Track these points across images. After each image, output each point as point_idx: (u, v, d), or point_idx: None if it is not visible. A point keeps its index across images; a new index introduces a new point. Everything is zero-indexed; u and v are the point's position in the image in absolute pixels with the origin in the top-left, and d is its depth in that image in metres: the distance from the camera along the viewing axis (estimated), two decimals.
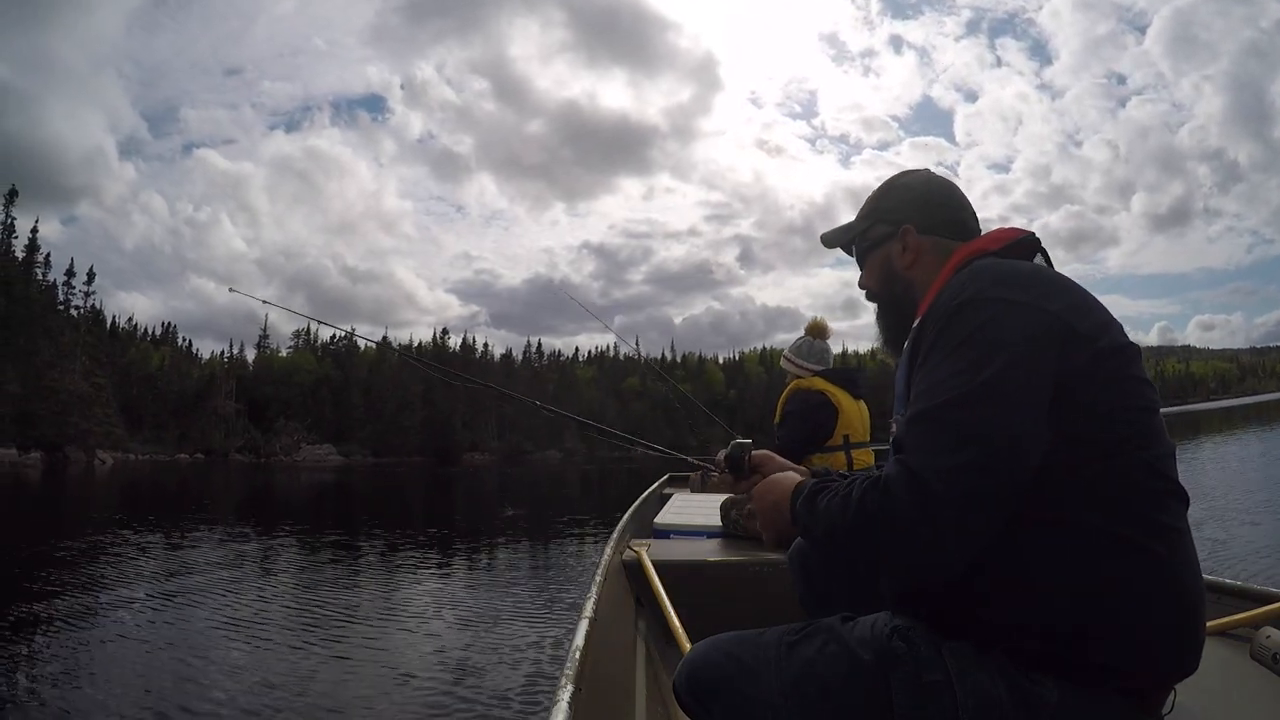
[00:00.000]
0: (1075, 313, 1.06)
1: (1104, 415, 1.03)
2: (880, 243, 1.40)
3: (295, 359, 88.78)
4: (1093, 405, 1.03)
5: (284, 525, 14.77)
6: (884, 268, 1.39)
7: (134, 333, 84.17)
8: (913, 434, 1.03)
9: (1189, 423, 54.72)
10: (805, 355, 3.88)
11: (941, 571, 1.03)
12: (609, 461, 52.70)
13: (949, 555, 1.00)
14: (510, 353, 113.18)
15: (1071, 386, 1.02)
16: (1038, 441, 1.00)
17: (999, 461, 0.97)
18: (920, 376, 1.09)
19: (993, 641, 1.03)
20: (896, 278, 1.37)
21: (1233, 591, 2.23)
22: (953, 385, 1.02)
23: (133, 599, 7.21)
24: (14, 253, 57.93)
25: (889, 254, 1.38)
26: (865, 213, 1.45)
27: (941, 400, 1.02)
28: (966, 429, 0.99)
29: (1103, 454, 1.02)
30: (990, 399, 0.99)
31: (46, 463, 48.23)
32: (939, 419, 1.01)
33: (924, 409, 1.04)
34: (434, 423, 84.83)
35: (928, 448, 1.00)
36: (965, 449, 0.98)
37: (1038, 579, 1.01)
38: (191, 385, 77.27)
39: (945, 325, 1.08)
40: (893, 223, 1.37)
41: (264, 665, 5.09)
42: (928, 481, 0.97)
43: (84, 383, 57.05)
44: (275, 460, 68.60)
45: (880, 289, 1.41)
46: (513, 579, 8.61)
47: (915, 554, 1.01)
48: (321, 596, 7.47)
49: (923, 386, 1.06)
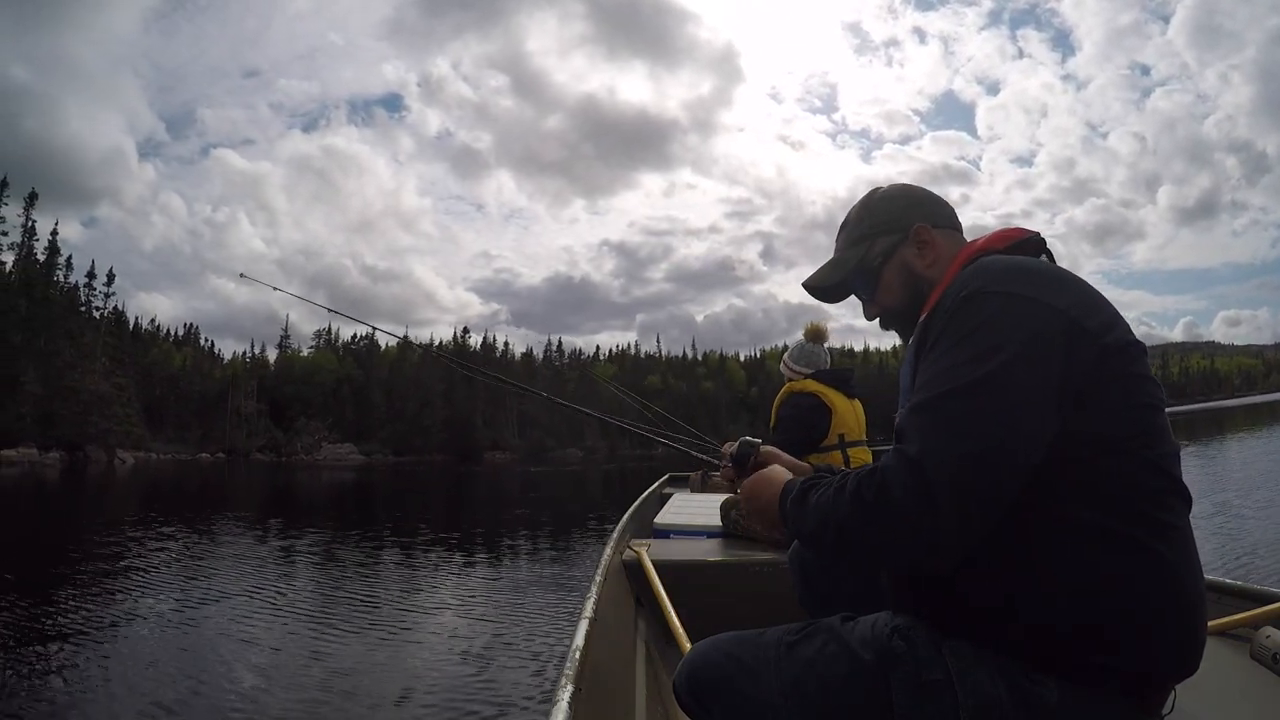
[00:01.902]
0: (1082, 309, 1.04)
1: (1109, 412, 1.02)
2: (891, 253, 1.31)
3: (316, 359, 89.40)
4: (1099, 402, 1.01)
5: (296, 523, 14.80)
6: (905, 275, 1.30)
7: (157, 334, 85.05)
8: (912, 423, 1.02)
9: (1213, 420, 53.60)
10: (798, 359, 3.96)
11: (939, 560, 1.00)
12: (630, 460, 52.25)
13: (947, 543, 0.98)
14: (531, 351, 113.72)
15: (1078, 383, 1.01)
16: (1039, 437, 0.99)
17: (998, 453, 0.97)
18: (923, 368, 1.08)
19: (993, 641, 1.03)
20: (921, 281, 1.28)
21: (1233, 591, 2.23)
22: (955, 376, 1.01)
23: (151, 596, 7.24)
24: (35, 255, 58.75)
25: (905, 260, 1.30)
26: (857, 237, 1.35)
27: (942, 390, 1.01)
28: (967, 419, 0.98)
29: (1107, 451, 1.01)
30: (992, 391, 0.98)
31: (67, 462, 48.52)
32: (939, 408, 1.00)
33: (925, 399, 1.03)
34: (455, 421, 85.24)
35: (927, 436, 0.99)
36: (965, 439, 0.97)
37: (1039, 578, 1.01)
38: (213, 385, 77.98)
39: (950, 318, 1.07)
40: (899, 229, 1.30)
41: (262, 666, 5.05)
42: (926, 469, 0.96)
43: (105, 383, 57.56)
44: (296, 459, 68.84)
45: (907, 302, 1.30)
46: (513, 579, 8.53)
47: (913, 541, 0.99)
48: (321, 593, 7.51)
49: (925, 377, 1.05)
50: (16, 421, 49.79)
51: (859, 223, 1.36)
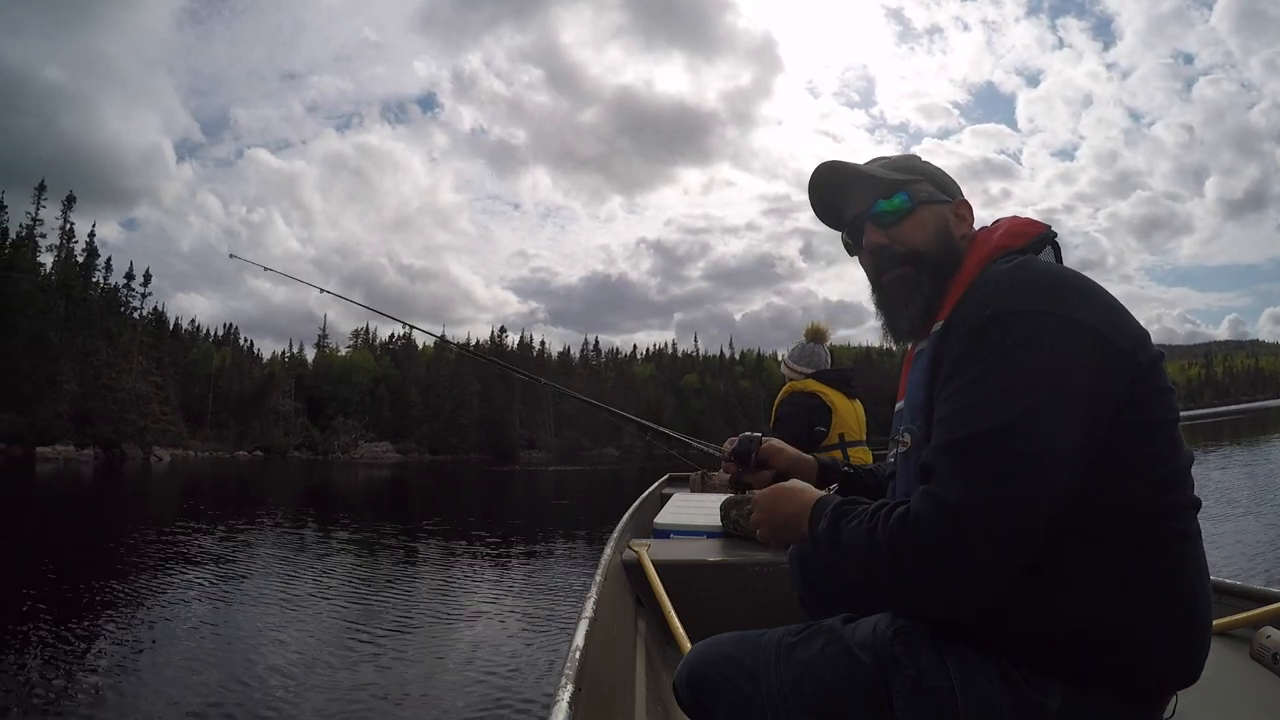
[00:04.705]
0: (1113, 327, 1.01)
1: (1135, 431, 1.00)
2: (933, 201, 1.27)
3: (354, 358, 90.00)
4: (1127, 423, 0.99)
5: (320, 520, 15.10)
6: (941, 226, 1.26)
7: (196, 334, 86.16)
8: (942, 464, 0.98)
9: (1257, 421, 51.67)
10: (798, 359, 3.96)
11: (974, 605, 0.98)
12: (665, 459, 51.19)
13: (982, 589, 0.96)
14: (568, 350, 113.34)
15: (1110, 405, 0.98)
16: (1074, 468, 0.96)
17: (1034, 495, 0.94)
18: (947, 395, 1.03)
19: (995, 646, 1.02)
20: (952, 242, 1.24)
21: (1233, 591, 2.21)
22: (989, 413, 0.96)
23: (183, 591, 7.35)
24: (74, 256, 59.78)
25: (945, 216, 1.27)
26: (906, 167, 1.29)
27: (975, 431, 0.96)
28: (1002, 462, 0.94)
29: (1130, 471, 0.99)
30: (1026, 431, 0.95)
31: (103, 459, 48.92)
32: (972, 452, 0.96)
33: (956, 438, 0.98)
34: (491, 420, 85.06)
35: (960, 480, 0.95)
36: (1001, 484, 0.94)
37: (1045, 585, 0.99)
38: (252, 384, 78.51)
39: (977, 339, 1.01)
40: (946, 192, 1.28)
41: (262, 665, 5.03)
42: (960, 516, 0.94)
43: (142, 382, 58.14)
44: (333, 457, 69.08)
45: (936, 250, 1.24)
46: (513, 579, 8.55)
47: (948, 588, 0.96)
48: (328, 592, 7.54)
49: (952, 408, 1.01)
50: (54, 419, 50.41)
51: (905, 161, 1.31)
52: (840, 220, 1.36)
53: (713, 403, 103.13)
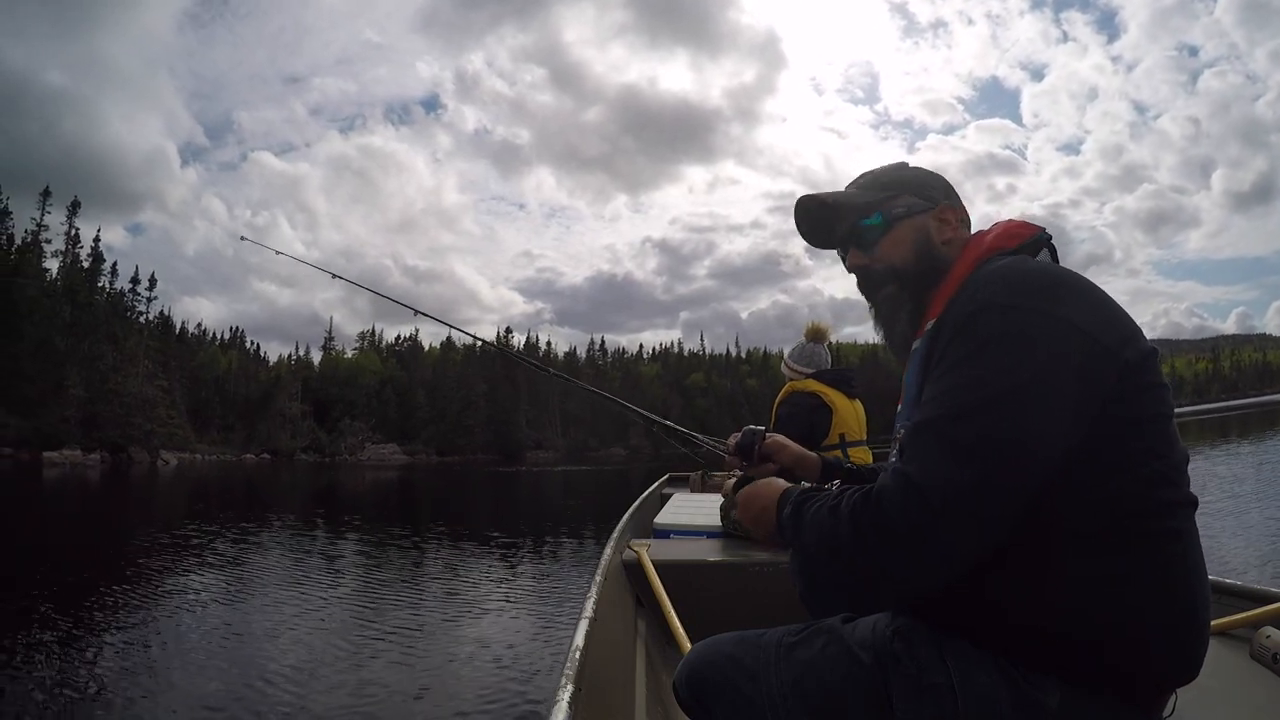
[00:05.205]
0: (1100, 325, 1.01)
1: (1125, 427, 0.99)
2: (912, 213, 1.26)
3: (360, 360, 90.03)
4: (1115, 419, 0.99)
5: (324, 524, 15.05)
6: (920, 239, 1.24)
7: (202, 337, 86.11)
8: (913, 444, 1.00)
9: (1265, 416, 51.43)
10: (798, 359, 3.94)
11: (931, 584, 1.00)
12: (672, 459, 51.11)
13: (940, 569, 0.97)
14: (574, 350, 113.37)
15: (1096, 402, 0.98)
16: (1046, 461, 0.96)
17: (1002, 479, 0.94)
18: (931, 382, 1.05)
19: (995, 644, 1.02)
20: (934, 251, 1.23)
21: (1233, 591, 2.22)
22: (961, 397, 0.98)
23: (190, 593, 7.43)
24: (80, 261, 59.91)
25: (924, 226, 1.25)
26: (883, 184, 1.30)
27: (946, 412, 0.98)
28: (969, 444, 0.95)
29: (1119, 465, 0.99)
30: (998, 414, 0.95)
31: (109, 463, 49.21)
32: (941, 431, 0.97)
33: (928, 419, 1.00)
34: (497, 421, 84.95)
35: (928, 459, 0.97)
36: (968, 465, 0.94)
37: (1043, 583, 0.99)
38: (258, 387, 78.68)
39: (960, 332, 1.03)
40: (926, 198, 1.26)
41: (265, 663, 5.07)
42: (926, 494, 0.94)
43: (148, 386, 58.47)
44: (340, 459, 69.24)
45: (912, 264, 1.24)
46: (517, 579, 8.54)
47: (907, 567, 0.98)
48: (330, 593, 7.55)
49: (930, 394, 1.03)
50: (61, 424, 50.58)
51: (885, 175, 1.31)
52: (832, 245, 1.37)
53: (719, 401, 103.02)
